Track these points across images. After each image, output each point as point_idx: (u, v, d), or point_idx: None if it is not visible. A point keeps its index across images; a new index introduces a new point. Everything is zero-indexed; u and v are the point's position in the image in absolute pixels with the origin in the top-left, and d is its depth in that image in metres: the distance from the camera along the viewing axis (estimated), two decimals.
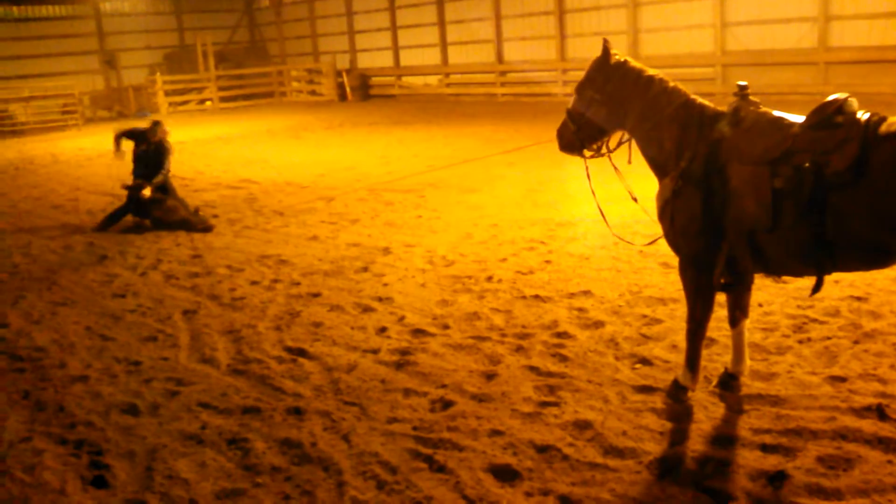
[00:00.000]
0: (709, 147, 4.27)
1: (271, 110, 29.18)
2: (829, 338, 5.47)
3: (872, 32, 19.52)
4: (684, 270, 4.58)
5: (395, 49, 31.69)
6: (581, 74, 4.96)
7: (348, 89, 31.14)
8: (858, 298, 6.05)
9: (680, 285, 6.74)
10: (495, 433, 4.53)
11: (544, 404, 4.84)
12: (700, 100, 4.55)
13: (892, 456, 3.98)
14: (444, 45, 29.86)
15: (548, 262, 7.83)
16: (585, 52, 25.25)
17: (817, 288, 4.15)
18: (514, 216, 9.85)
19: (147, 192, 10.46)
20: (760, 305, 5.99)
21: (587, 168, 5.05)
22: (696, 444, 4.25)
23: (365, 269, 7.99)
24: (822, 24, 20.30)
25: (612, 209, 9.28)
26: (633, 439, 4.35)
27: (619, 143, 4.90)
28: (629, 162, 4.81)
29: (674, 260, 7.08)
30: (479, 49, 28.55)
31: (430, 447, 4.43)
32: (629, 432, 4.43)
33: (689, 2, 22.67)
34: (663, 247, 6.35)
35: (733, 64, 21.84)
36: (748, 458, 4.08)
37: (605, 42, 4.77)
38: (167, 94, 30.38)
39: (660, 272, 7.18)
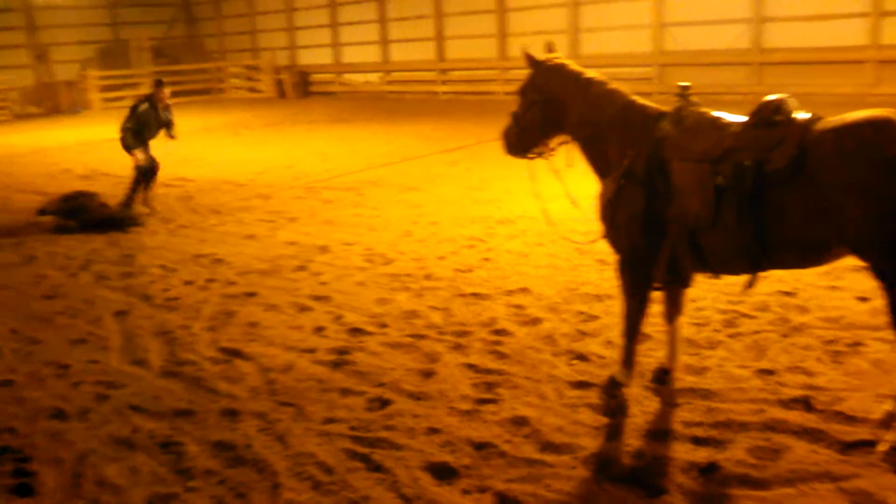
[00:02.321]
0: (651, 146, 4.32)
1: (209, 107, 28.67)
2: (758, 332, 5.60)
3: (805, 34, 20.05)
4: (623, 269, 4.61)
5: (336, 46, 31.46)
6: (523, 73, 4.98)
7: (288, 86, 30.80)
8: (787, 293, 6.20)
9: (615, 282, 6.86)
10: (433, 431, 4.52)
11: (482, 401, 4.85)
12: (641, 100, 4.60)
13: (817, 446, 4.08)
14: (385, 42, 29.75)
15: (487, 259, 7.85)
16: (528, 50, 25.43)
17: (751, 284, 4.23)
18: (454, 214, 9.86)
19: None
20: (693, 301, 6.09)
21: (531, 171, 5.05)
22: (630, 439, 4.30)
23: (302, 268, 7.91)
24: (756, 26, 20.78)
25: (553, 207, 9.38)
26: (569, 435, 4.38)
27: (560, 145, 4.91)
28: (570, 165, 4.83)
29: (610, 257, 7.19)
30: (421, 47, 28.51)
31: (366, 446, 4.40)
32: (565, 428, 4.46)
33: (629, 2, 22.98)
34: (600, 244, 6.41)
35: (671, 64, 22.21)
36: (680, 452, 4.15)
37: (548, 45, 4.79)
38: (101, 89, 29.64)
39: (596, 269, 7.26)
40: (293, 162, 14.97)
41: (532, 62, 4.79)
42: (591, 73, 4.71)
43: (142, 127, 10.82)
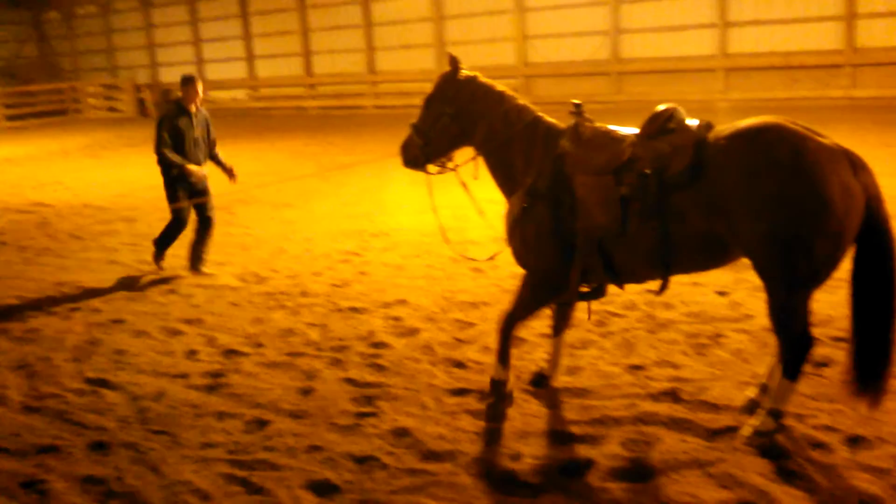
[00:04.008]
0: (553, 163, 4.40)
1: (65, 129, 27.38)
2: (627, 330, 5.82)
3: (659, 45, 21.07)
4: (531, 286, 4.62)
5: (199, 63, 30.71)
6: (392, 87, 4.97)
7: (150, 105, 29.81)
8: (653, 292, 6.44)
9: (491, 289, 6.98)
10: (313, 449, 4.45)
11: (362, 415, 4.81)
12: (546, 117, 4.67)
13: (685, 435, 4.27)
14: (250, 58, 29.28)
15: (363, 273, 7.83)
16: (395, 64, 25.61)
17: (662, 289, 4.37)
18: (328, 229, 9.78)
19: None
20: None
21: (430, 184, 5.03)
22: (510, 442, 4.37)
23: (172, 291, 7.65)
24: (614, 38, 21.68)
25: (423, 219, 9.47)
26: (450, 442, 4.41)
27: (472, 159, 4.87)
28: (475, 177, 4.81)
29: (485, 265, 7.32)
30: (288, 62, 28.22)
31: (245, 469, 4.29)
32: (446, 435, 4.49)
33: (493, 16, 23.53)
34: (473, 253, 6.51)
35: (535, 75, 22.87)
36: (558, 450, 4.25)
37: (453, 57, 4.77)
38: None
39: (471, 277, 7.36)
40: (158, 182, 14.32)
41: (455, 70, 4.73)
42: (501, 87, 4.75)
43: (173, 141, 7.92)
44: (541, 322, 6.05)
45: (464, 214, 5.25)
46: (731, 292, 6.41)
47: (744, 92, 19.61)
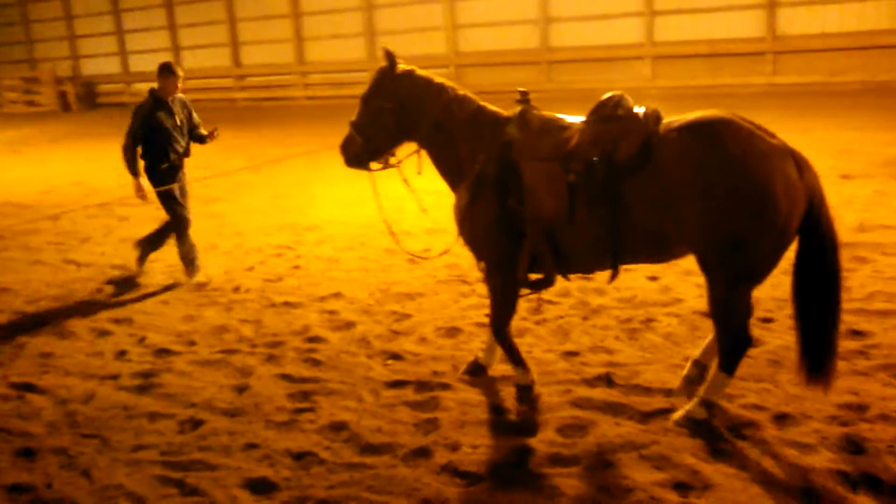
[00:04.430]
0: (500, 150, 4.39)
1: None
2: (561, 317, 5.88)
3: (588, 33, 21.33)
4: (491, 275, 4.63)
5: (123, 54, 29.94)
6: (322, 77, 4.90)
7: (72, 98, 28.95)
8: (585, 278, 6.54)
9: (426, 280, 6.99)
10: (250, 447, 4.39)
11: (299, 411, 4.77)
12: (490, 106, 4.65)
13: (620, 419, 4.34)
14: (176, 49, 28.65)
15: (296, 267, 7.74)
16: (325, 54, 25.36)
17: (612, 278, 4.41)
18: (260, 223, 9.65)
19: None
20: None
21: (373, 181, 4.96)
22: (447, 431, 4.37)
23: (99, 291, 7.44)
24: (543, 27, 21.84)
25: (357, 211, 9.42)
26: (388, 434, 4.40)
27: (413, 154, 4.82)
28: (419, 172, 4.76)
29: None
30: (215, 53, 27.71)
31: (180, 471, 4.21)
32: (384, 428, 4.48)
33: (423, 5, 23.47)
34: (408, 244, 6.50)
35: (466, 64, 22.91)
36: (495, 438, 4.27)
37: (389, 52, 4.69)
38: None
39: (406, 269, 7.34)
40: (83, 178, 14.08)
41: (392, 64, 4.65)
42: (440, 79, 4.71)
43: (152, 135, 7.31)
44: (477, 312, 6.10)
45: (396, 206, 5.23)
46: (662, 277, 6.53)
47: (670, 79, 19.99)
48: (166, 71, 7.42)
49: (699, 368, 4.49)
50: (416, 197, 5.02)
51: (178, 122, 7.45)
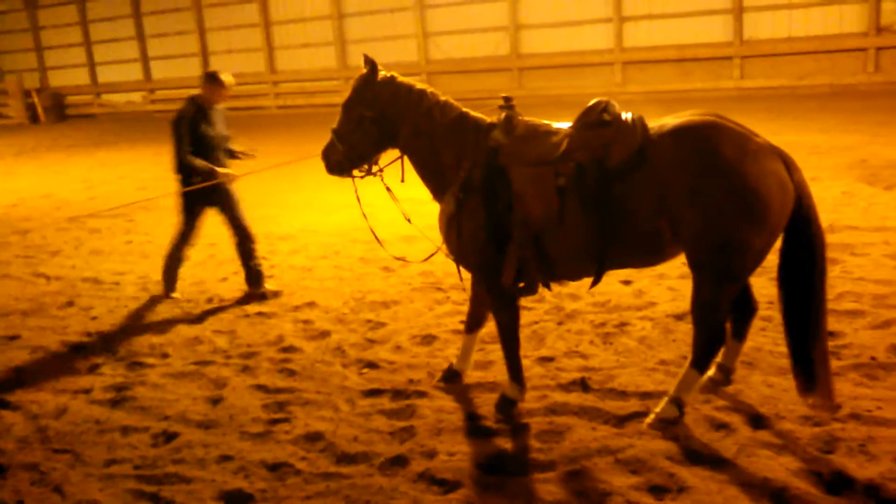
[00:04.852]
0: (486, 155, 4.37)
1: None
2: (536, 322, 5.90)
3: (558, 40, 21.46)
4: (486, 286, 4.59)
5: (92, 65, 29.67)
6: (293, 86, 4.87)
7: (40, 110, 28.63)
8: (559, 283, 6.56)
9: (401, 287, 6.98)
10: (224, 459, 4.36)
11: (274, 422, 4.73)
12: (473, 112, 4.64)
13: (595, 423, 4.36)
14: (145, 59, 28.45)
15: (270, 276, 7.69)
16: (295, 63, 25.30)
17: (595, 282, 4.40)
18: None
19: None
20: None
21: (356, 189, 4.93)
22: (424, 439, 4.36)
23: (70, 304, 7.35)
24: (513, 34, 21.96)
25: (330, 220, 9.39)
26: (364, 443, 4.38)
27: (395, 160, 4.79)
28: (402, 180, 4.70)
29: (394, 264, 7.31)
30: (185, 63, 27.52)
31: (154, 484, 4.16)
32: (360, 437, 4.46)
33: (392, 13, 23.50)
34: (381, 252, 6.47)
35: (437, 72, 22.95)
36: (472, 445, 4.27)
37: (369, 59, 4.65)
38: None
39: (381, 277, 7.33)
40: (52, 191, 13.91)
41: (373, 71, 4.61)
42: (421, 86, 4.68)
43: (194, 145, 6.90)
44: (452, 319, 6.10)
45: (369, 212, 5.22)
46: (635, 281, 6.57)
47: (640, 85, 20.17)
48: (212, 79, 6.93)
49: (724, 372, 4.58)
50: (399, 206, 4.99)
51: (220, 134, 7.05)
